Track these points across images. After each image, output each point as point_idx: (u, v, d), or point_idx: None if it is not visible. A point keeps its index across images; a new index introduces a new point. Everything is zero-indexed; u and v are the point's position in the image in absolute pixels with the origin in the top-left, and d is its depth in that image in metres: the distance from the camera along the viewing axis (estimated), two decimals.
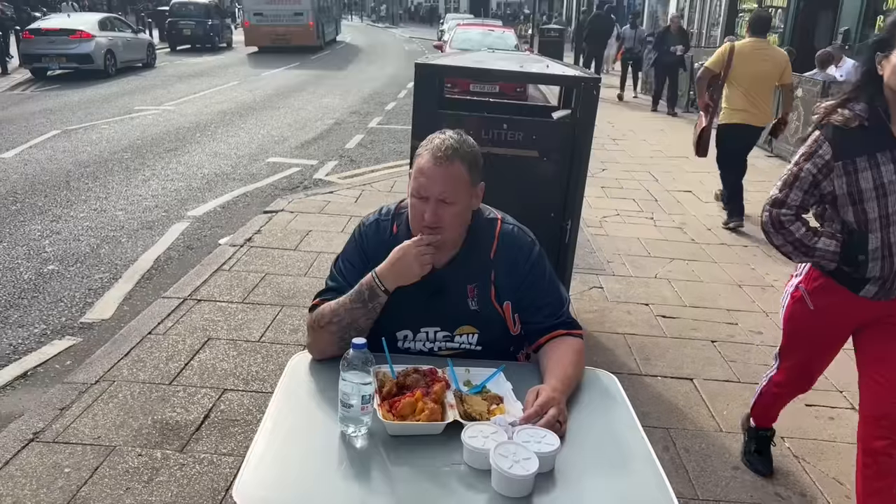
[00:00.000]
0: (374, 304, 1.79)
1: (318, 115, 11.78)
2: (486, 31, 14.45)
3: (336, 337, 1.80)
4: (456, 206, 1.79)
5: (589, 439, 1.60)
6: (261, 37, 23.18)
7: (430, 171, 1.76)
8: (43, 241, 5.39)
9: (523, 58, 4.23)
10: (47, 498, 2.50)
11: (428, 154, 1.78)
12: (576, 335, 1.90)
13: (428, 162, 1.77)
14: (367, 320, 1.80)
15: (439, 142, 1.79)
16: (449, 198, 1.77)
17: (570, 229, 3.42)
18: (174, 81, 15.47)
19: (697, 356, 3.85)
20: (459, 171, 1.77)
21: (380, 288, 1.78)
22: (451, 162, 1.76)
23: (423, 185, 1.77)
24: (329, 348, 1.82)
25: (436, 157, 1.76)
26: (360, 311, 1.79)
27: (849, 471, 2.91)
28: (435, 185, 1.76)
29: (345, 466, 1.47)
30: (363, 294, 1.79)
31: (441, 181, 1.76)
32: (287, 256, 5.03)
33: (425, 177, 1.77)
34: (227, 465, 2.73)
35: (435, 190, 1.76)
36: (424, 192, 1.77)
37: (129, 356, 3.54)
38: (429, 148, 1.79)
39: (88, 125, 10.08)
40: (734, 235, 6.02)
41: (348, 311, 1.79)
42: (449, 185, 1.76)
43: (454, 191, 1.77)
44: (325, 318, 1.82)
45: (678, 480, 2.78)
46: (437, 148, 1.77)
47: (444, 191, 1.76)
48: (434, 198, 1.76)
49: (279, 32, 22.96)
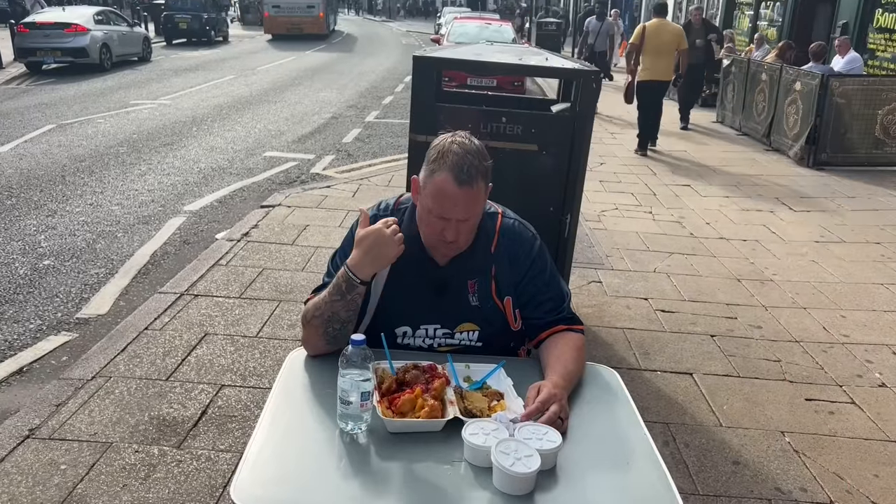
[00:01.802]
0: (353, 296, 1.76)
1: (315, 109, 11.73)
2: (483, 24, 14.35)
3: (321, 331, 1.77)
4: (474, 219, 1.78)
5: (591, 436, 1.58)
6: (278, 26, 26.59)
7: (453, 195, 1.69)
8: (38, 236, 5.36)
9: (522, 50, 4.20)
10: (43, 495, 2.48)
11: (449, 175, 1.68)
12: (577, 330, 1.88)
13: (450, 184, 1.68)
14: (346, 312, 1.77)
15: (458, 159, 1.69)
16: (472, 217, 1.75)
17: (569, 223, 3.40)
18: (170, 75, 15.39)
19: (697, 350, 3.84)
20: (480, 190, 1.73)
21: (355, 280, 1.73)
22: (474, 183, 1.70)
23: (446, 208, 1.71)
24: (318, 343, 1.80)
25: (459, 179, 1.68)
26: (339, 304, 1.76)
27: (849, 465, 2.91)
28: (458, 209, 1.71)
29: (344, 464, 1.45)
30: (340, 287, 1.76)
31: (464, 204, 1.71)
32: (284, 251, 5.01)
33: (448, 200, 1.70)
34: (225, 461, 2.72)
35: (458, 212, 1.72)
36: (447, 215, 1.72)
37: (126, 352, 3.51)
38: (448, 166, 1.69)
39: (84, 119, 10.03)
40: (733, 229, 6.01)
41: (328, 304, 1.77)
42: (471, 206, 1.73)
43: (475, 209, 1.76)
44: (310, 313, 1.80)
45: (678, 475, 2.78)
46: (459, 168, 1.68)
47: (467, 212, 1.73)
48: (456, 219, 1.73)
49: (294, 22, 26.43)
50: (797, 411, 3.30)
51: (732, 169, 8.27)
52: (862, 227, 6.21)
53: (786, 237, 5.87)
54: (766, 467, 2.88)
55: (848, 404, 3.37)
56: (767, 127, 9.45)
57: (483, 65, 3.51)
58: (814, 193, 7.29)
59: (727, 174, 8.01)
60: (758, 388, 3.48)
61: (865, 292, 4.74)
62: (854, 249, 5.62)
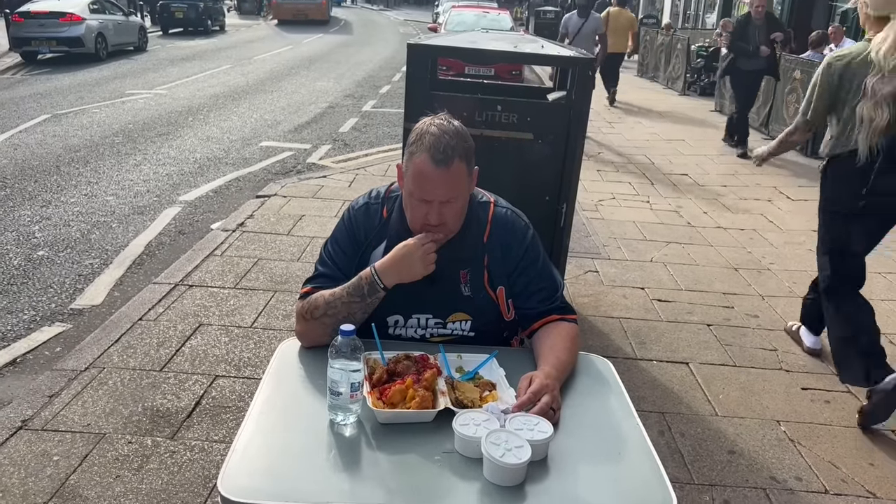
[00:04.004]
0: (373, 300, 1.74)
1: (311, 99, 11.67)
2: (481, 13, 14.26)
3: (330, 329, 1.74)
4: (458, 202, 1.75)
5: (583, 426, 1.57)
6: (284, 12, 29.46)
7: (431, 175, 1.67)
8: (33, 227, 5.33)
9: (518, 38, 4.15)
10: (36, 486, 2.47)
11: (426, 155, 1.67)
12: (570, 320, 1.87)
13: (427, 165, 1.67)
14: (363, 314, 1.76)
15: (435, 139, 1.68)
16: (454, 198, 1.72)
17: (565, 213, 3.38)
18: (166, 65, 15.31)
19: (693, 340, 3.83)
20: (459, 169, 1.70)
21: (379, 284, 1.72)
22: (452, 162, 1.68)
23: (425, 190, 1.69)
24: (322, 339, 1.77)
25: (436, 159, 1.66)
26: (357, 306, 1.74)
27: (844, 454, 2.91)
28: (438, 189, 1.69)
29: (333, 455, 1.43)
30: (362, 289, 1.73)
31: (444, 185, 1.69)
32: (280, 241, 4.99)
33: (427, 181, 1.68)
34: (219, 452, 2.70)
35: (439, 194, 1.70)
36: (428, 197, 1.70)
37: (120, 343, 3.50)
38: (425, 147, 1.68)
39: (79, 109, 9.97)
40: (730, 218, 5.99)
41: (345, 304, 1.74)
42: (452, 187, 1.70)
43: (457, 190, 1.72)
44: (319, 311, 1.77)
45: (673, 465, 2.77)
46: (436, 149, 1.67)
47: (449, 192, 1.70)
48: (437, 200, 1.71)
49: (299, 9, 29.39)
50: (793, 400, 3.29)
51: (731, 158, 8.24)
52: None
53: (783, 226, 5.85)
54: (762, 456, 2.87)
55: (844, 393, 3.37)
56: (766, 116, 9.42)
57: (478, 52, 3.48)
58: (812, 182, 7.24)
59: (725, 164, 7.99)
60: (754, 378, 3.47)
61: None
62: None
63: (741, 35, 8.13)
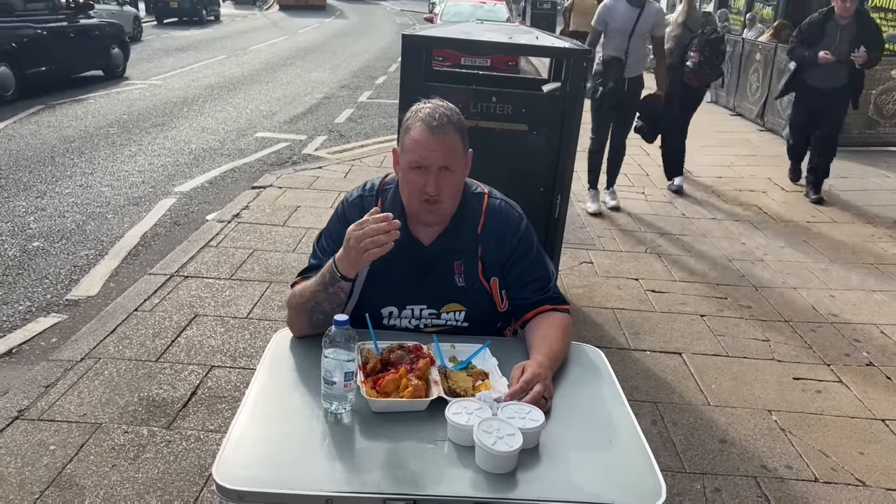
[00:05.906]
0: (335, 289, 1.72)
1: (307, 90, 11.64)
2: (477, 3, 14.21)
3: (305, 317, 1.77)
4: (455, 175, 1.76)
5: (574, 414, 1.59)
6: None
7: (427, 141, 1.71)
8: (28, 218, 5.32)
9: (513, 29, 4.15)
10: (32, 476, 2.49)
11: (422, 124, 1.72)
12: (562, 310, 1.88)
13: (424, 132, 1.71)
14: (330, 305, 1.73)
15: (430, 110, 1.74)
16: (451, 165, 1.74)
17: (559, 203, 3.39)
18: (161, 55, 15.23)
19: (686, 330, 3.85)
20: (455, 140, 1.74)
21: (336, 273, 1.70)
22: (447, 130, 1.72)
23: (422, 156, 1.72)
24: (303, 328, 1.80)
25: (431, 126, 1.71)
26: (322, 295, 1.73)
27: (835, 443, 2.94)
28: (435, 154, 1.71)
29: (327, 444, 1.45)
30: (325, 277, 1.73)
31: (441, 150, 1.71)
32: (275, 232, 4.99)
33: (424, 147, 1.71)
34: (214, 441, 2.72)
35: (436, 159, 1.71)
36: (425, 163, 1.72)
37: (116, 333, 3.50)
38: (420, 118, 1.74)
39: (73, 100, 9.93)
40: (725, 209, 6.01)
41: (312, 293, 1.75)
42: (448, 153, 1.73)
43: (453, 159, 1.74)
44: (295, 299, 1.79)
45: (665, 454, 2.80)
46: (431, 117, 1.72)
47: (445, 159, 1.72)
48: (435, 167, 1.72)
49: None
50: (785, 390, 3.32)
51: (726, 149, 8.26)
52: (854, 207, 6.22)
53: (777, 218, 5.88)
54: (753, 445, 2.90)
55: (835, 383, 3.40)
56: (761, 107, 9.43)
57: (472, 43, 3.48)
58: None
59: (720, 155, 8.00)
60: (746, 368, 3.50)
61: (855, 272, 4.76)
62: (845, 229, 5.63)
63: (812, 37, 6.09)
